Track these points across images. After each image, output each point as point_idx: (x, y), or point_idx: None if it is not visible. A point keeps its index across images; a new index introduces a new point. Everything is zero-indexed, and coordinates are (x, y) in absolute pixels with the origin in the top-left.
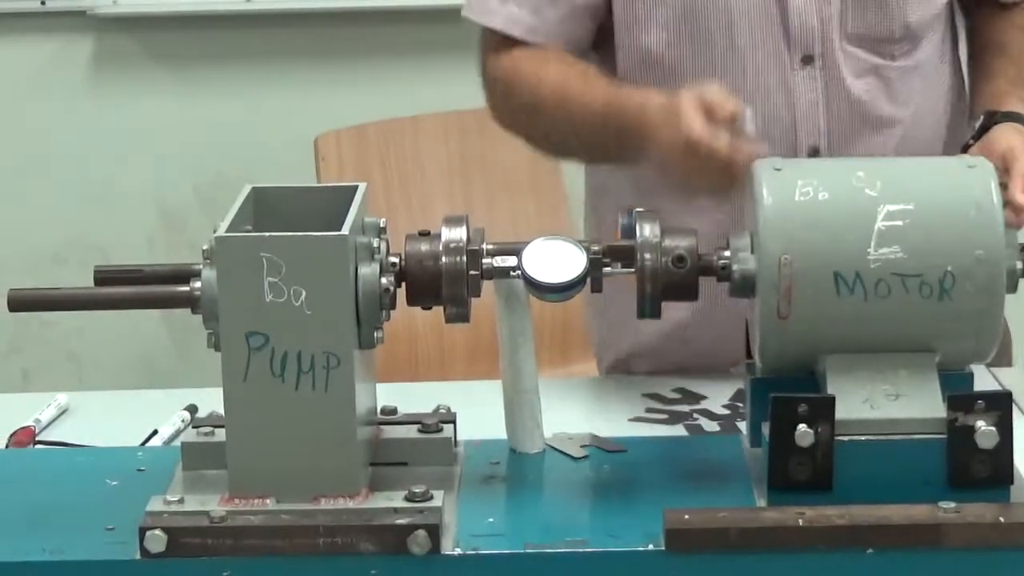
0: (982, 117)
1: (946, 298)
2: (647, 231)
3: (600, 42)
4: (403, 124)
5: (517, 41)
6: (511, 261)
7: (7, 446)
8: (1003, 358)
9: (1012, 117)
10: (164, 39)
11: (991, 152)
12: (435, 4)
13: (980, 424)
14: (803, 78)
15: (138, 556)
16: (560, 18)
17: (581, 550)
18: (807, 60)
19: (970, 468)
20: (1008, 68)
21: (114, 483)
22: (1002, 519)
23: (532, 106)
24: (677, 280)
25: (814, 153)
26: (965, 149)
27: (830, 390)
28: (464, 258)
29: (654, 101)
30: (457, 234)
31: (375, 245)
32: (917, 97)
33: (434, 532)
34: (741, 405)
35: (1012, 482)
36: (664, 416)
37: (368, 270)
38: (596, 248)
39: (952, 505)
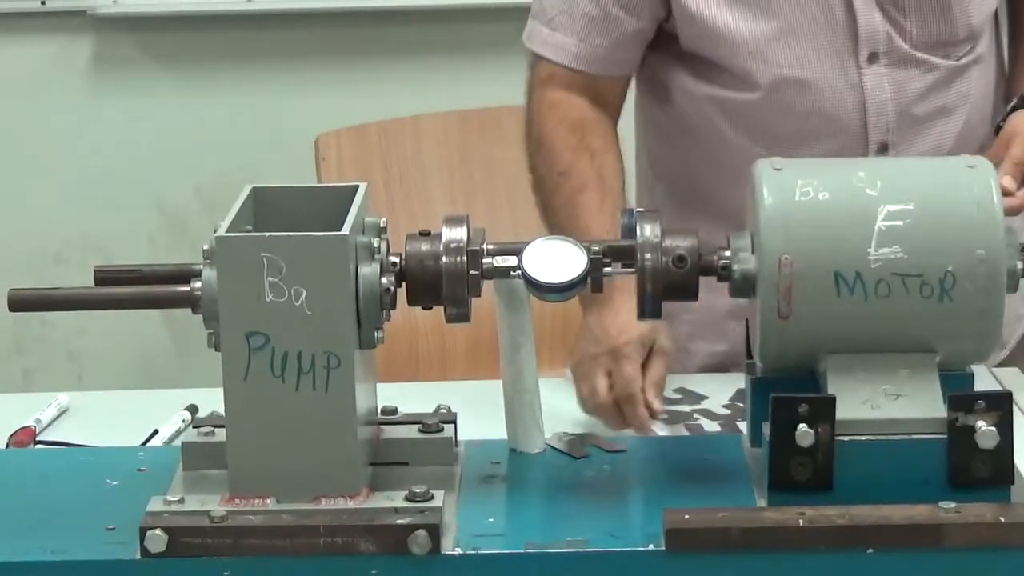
0: (1015, 101)
1: (947, 298)
2: (648, 231)
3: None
4: (404, 124)
5: (564, 77)
6: (512, 261)
7: (7, 446)
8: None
9: None
10: (164, 39)
11: (999, 138)
12: (436, 4)
13: (980, 424)
14: (870, 75)
15: (138, 556)
16: (607, 46)
17: (582, 550)
18: (873, 58)
19: (970, 468)
20: None
21: (114, 483)
22: (1002, 519)
23: (545, 186)
24: (678, 280)
25: (883, 149)
26: (996, 132)
27: (830, 390)
28: (465, 258)
29: (591, 327)
30: (458, 234)
31: (375, 245)
32: (976, 85)
33: (434, 532)
34: (741, 405)
35: (1012, 482)
36: (664, 416)
37: (368, 270)
38: (596, 248)
39: (952, 505)
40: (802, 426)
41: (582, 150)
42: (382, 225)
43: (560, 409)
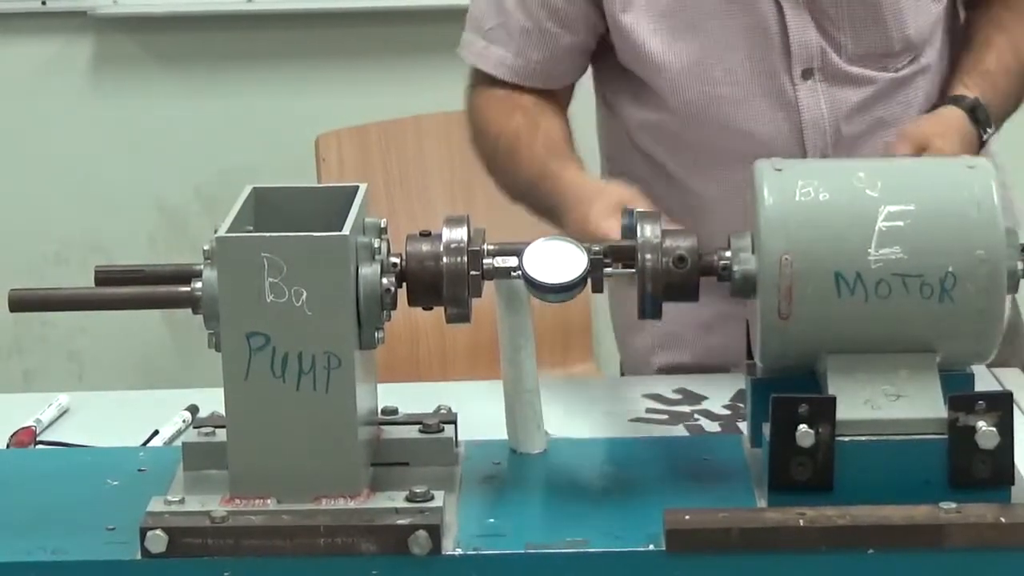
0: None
1: (947, 298)
2: (648, 231)
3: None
4: (404, 124)
5: (504, 86)
6: (512, 261)
7: (8, 446)
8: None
9: (952, 100)
10: (165, 39)
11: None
12: (436, 4)
13: (981, 424)
14: (805, 92)
15: (139, 556)
16: (543, 59)
17: (582, 550)
18: (807, 74)
19: (971, 468)
20: (966, 58)
21: (115, 483)
22: (1003, 519)
23: (490, 155)
24: (678, 280)
25: None
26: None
27: (831, 390)
28: (465, 258)
29: (572, 187)
30: (458, 234)
31: (376, 245)
32: (920, 94)
33: (435, 532)
34: (742, 405)
35: (1013, 482)
36: (665, 416)
37: (369, 270)
38: (597, 248)
39: (953, 505)
40: (802, 426)
41: (510, 116)
42: (382, 225)
43: (560, 410)
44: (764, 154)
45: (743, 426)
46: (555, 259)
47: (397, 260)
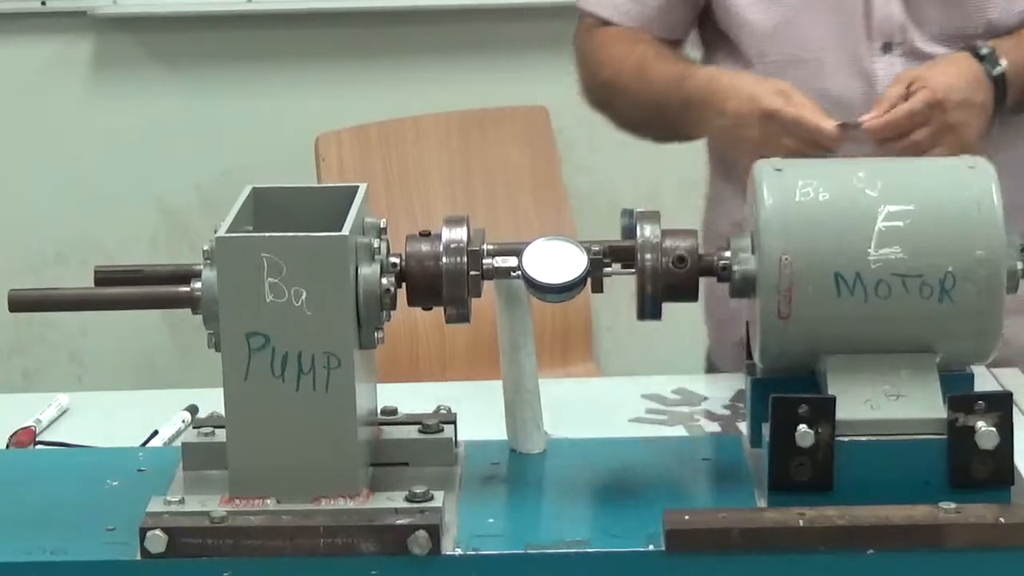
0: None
1: (947, 299)
2: (648, 231)
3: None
4: (404, 124)
5: (613, 24)
6: (512, 261)
7: (8, 446)
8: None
9: (966, 48)
10: (164, 39)
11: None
12: (435, 4)
13: (981, 425)
14: (882, 65)
15: (138, 556)
16: (659, 6)
17: (581, 550)
18: (887, 48)
19: (971, 469)
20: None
21: (114, 483)
22: (1003, 519)
23: (612, 82)
24: (677, 280)
25: None
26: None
27: (830, 390)
28: (465, 258)
29: (725, 74)
30: (458, 234)
31: (376, 245)
32: None
33: (434, 532)
34: (741, 405)
35: (1013, 482)
36: (664, 417)
37: (369, 270)
38: (596, 248)
39: (953, 506)
40: (802, 426)
41: (634, 45)
42: (382, 226)
43: (560, 410)
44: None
45: (743, 426)
46: (555, 259)
47: (397, 260)
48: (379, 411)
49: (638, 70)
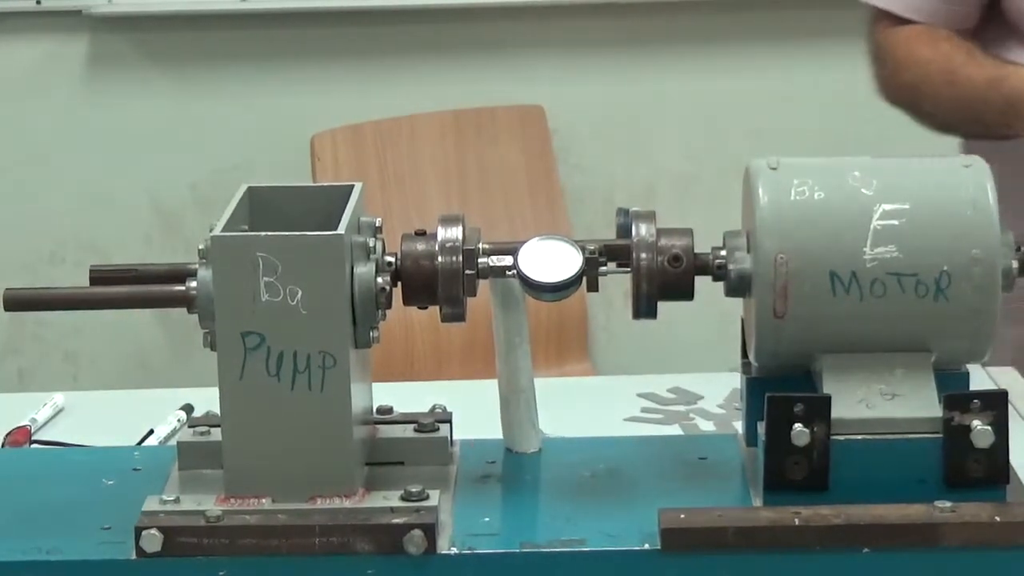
0: None
1: (942, 297)
2: (643, 230)
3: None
4: (399, 123)
5: (906, 19)
6: (507, 260)
7: (3, 446)
8: None
9: None
10: (160, 39)
11: None
12: (433, 4)
13: (976, 423)
14: None
15: (134, 556)
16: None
17: (577, 550)
18: None
19: (966, 467)
20: None
21: (110, 483)
22: (998, 518)
23: (918, 86)
24: (673, 280)
25: None
26: None
27: (826, 389)
28: (460, 257)
29: None
30: (453, 233)
31: (371, 245)
32: None
33: (430, 532)
34: (737, 405)
35: (1008, 481)
36: (659, 416)
37: (364, 269)
38: (592, 247)
39: (948, 504)
40: (797, 425)
41: (935, 44)
42: (377, 225)
43: (555, 409)
44: None
45: (738, 425)
46: (550, 258)
47: (392, 259)
48: (374, 410)
49: (947, 74)
